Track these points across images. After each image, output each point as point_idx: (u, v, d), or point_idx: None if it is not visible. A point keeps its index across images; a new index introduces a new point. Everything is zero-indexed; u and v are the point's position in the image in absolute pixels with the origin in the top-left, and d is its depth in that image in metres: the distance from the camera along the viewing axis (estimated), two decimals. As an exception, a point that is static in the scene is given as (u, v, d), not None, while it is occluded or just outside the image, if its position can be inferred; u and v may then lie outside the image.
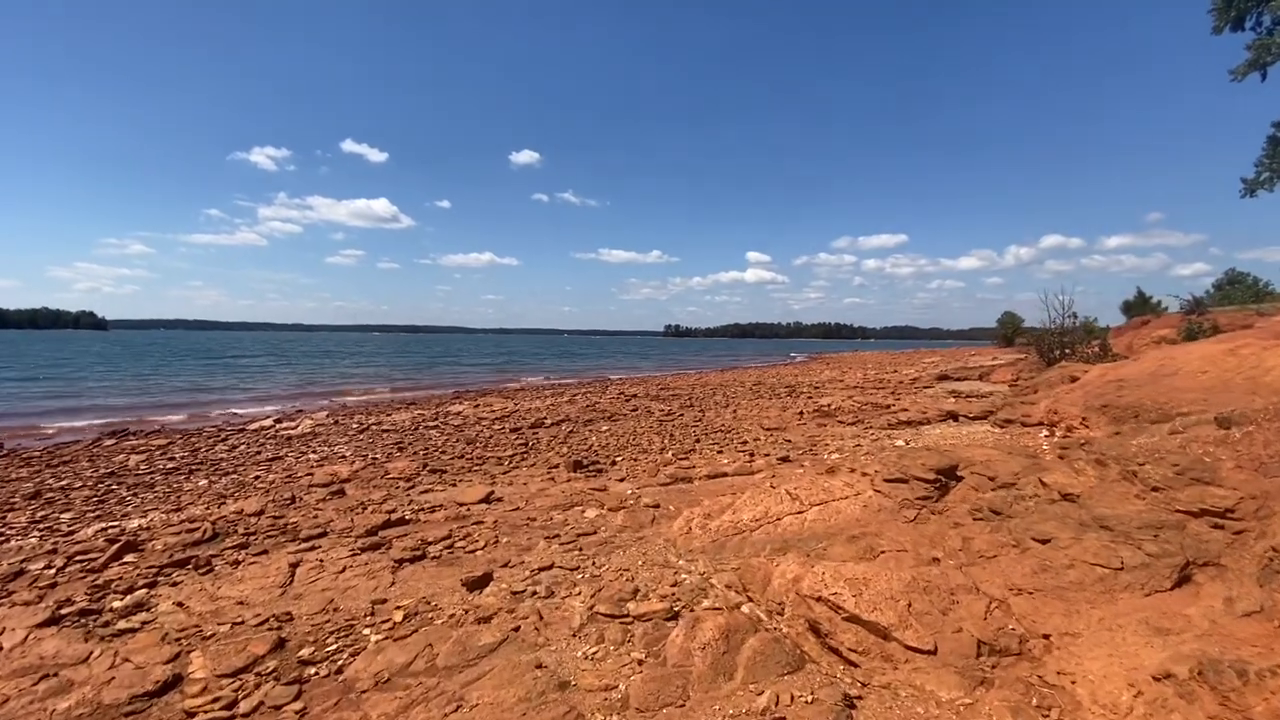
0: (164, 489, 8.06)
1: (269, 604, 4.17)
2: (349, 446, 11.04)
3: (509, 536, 5.28)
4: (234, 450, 10.91)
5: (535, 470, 8.35)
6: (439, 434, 12.21)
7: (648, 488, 6.82)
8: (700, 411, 14.51)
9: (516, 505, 6.30)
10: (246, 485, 8.10)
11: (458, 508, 6.24)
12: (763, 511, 4.93)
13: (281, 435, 12.65)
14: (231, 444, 11.55)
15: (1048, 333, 15.41)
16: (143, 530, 6.18)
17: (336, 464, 9.42)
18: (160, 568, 5.04)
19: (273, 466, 9.36)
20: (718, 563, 4.36)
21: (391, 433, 12.62)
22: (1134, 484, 4.29)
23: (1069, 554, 3.66)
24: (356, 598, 4.18)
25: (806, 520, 4.83)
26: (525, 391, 23.20)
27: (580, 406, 16.36)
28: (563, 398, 19.51)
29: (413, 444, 11.10)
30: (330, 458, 10.03)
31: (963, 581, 3.54)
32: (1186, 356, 7.36)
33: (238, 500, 7.19)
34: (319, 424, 14.10)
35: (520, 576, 4.32)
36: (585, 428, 12.45)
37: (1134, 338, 16.69)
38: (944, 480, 5.37)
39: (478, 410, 15.95)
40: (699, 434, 10.93)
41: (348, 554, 5.00)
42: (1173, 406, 5.86)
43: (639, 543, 4.90)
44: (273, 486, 7.92)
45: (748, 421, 12.24)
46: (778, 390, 20.02)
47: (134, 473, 9.17)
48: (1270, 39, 14.44)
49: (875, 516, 4.88)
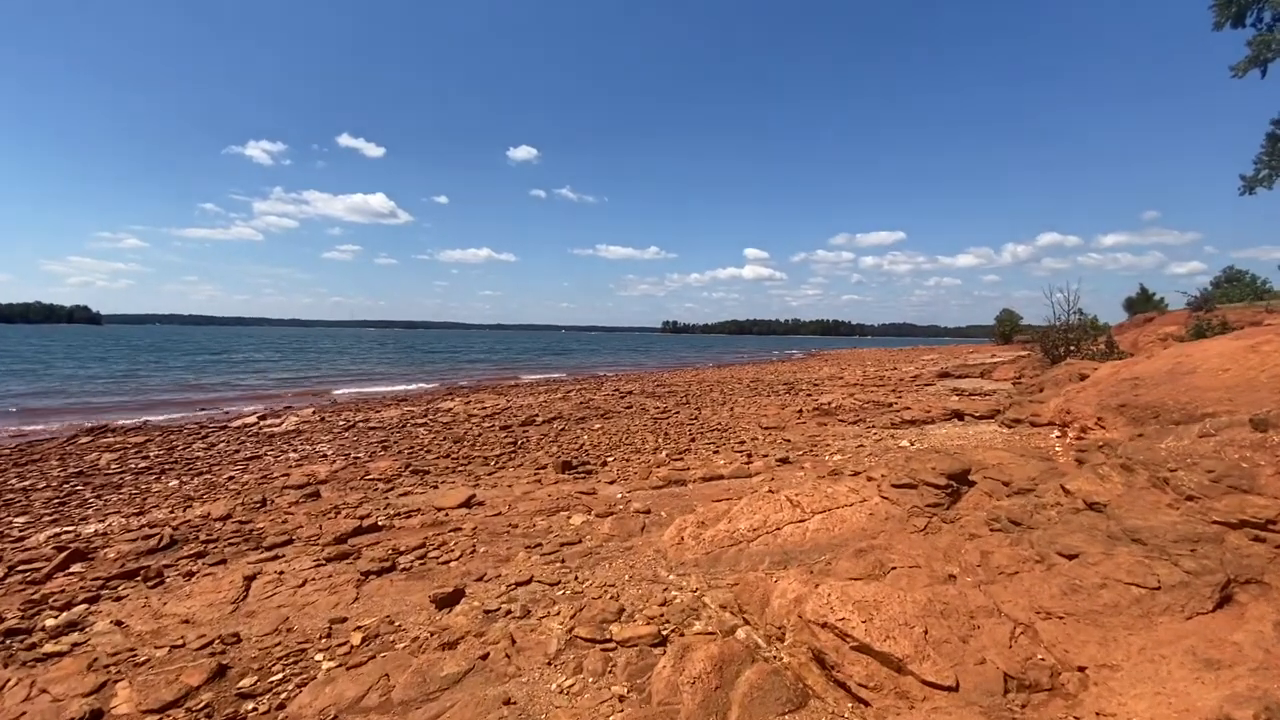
0: (131, 490, 7.66)
1: (217, 623, 3.78)
2: (332, 445, 10.64)
3: (487, 545, 4.90)
4: (212, 449, 10.51)
5: (522, 471, 7.97)
6: (426, 432, 11.82)
7: (639, 491, 6.44)
8: (696, 409, 14.14)
9: (498, 510, 5.91)
10: (218, 486, 7.71)
11: (436, 513, 5.85)
12: (761, 520, 4.56)
13: (264, 433, 12.24)
14: (211, 442, 11.15)
15: (1052, 329, 15.05)
16: (98, 536, 5.78)
17: (316, 463, 9.03)
18: (107, 579, 4.65)
19: (249, 466, 8.97)
20: (712, 577, 3.99)
21: (378, 430, 12.22)
22: (1165, 492, 3.93)
23: (1100, 571, 3.30)
24: (314, 616, 3.80)
25: (808, 530, 4.46)
26: (519, 388, 22.80)
27: (574, 404, 15.98)
28: (556, 394, 19.13)
29: (398, 442, 10.70)
30: (310, 457, 9.64)
31: (983, 603, 3.18)
32: (1204, 354, 7.00)
33: (205, 503, 6.80)
34: (304, 421, 13.70)
35: (495, 593, 3.94)
36: (577, 426, 12.08)
37: (1139, 335, 16.36)
38: (955, 486, 5.00)
39: (468, 407, 15.56)
40: (694, 433, 10.56)
41: (311, 565, 4.61)
42: (1196, 406, 5.51)
43: (627, 554, 4.53)
44: (245, 488, 7.53)
45: (745, 420, 11.87)
46: (776, 387, 19.66)
47: (103, 472, 8.76)
48: (1271, 35, 14.07)
49: (883, 526, 4.51)
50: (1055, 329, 15.02)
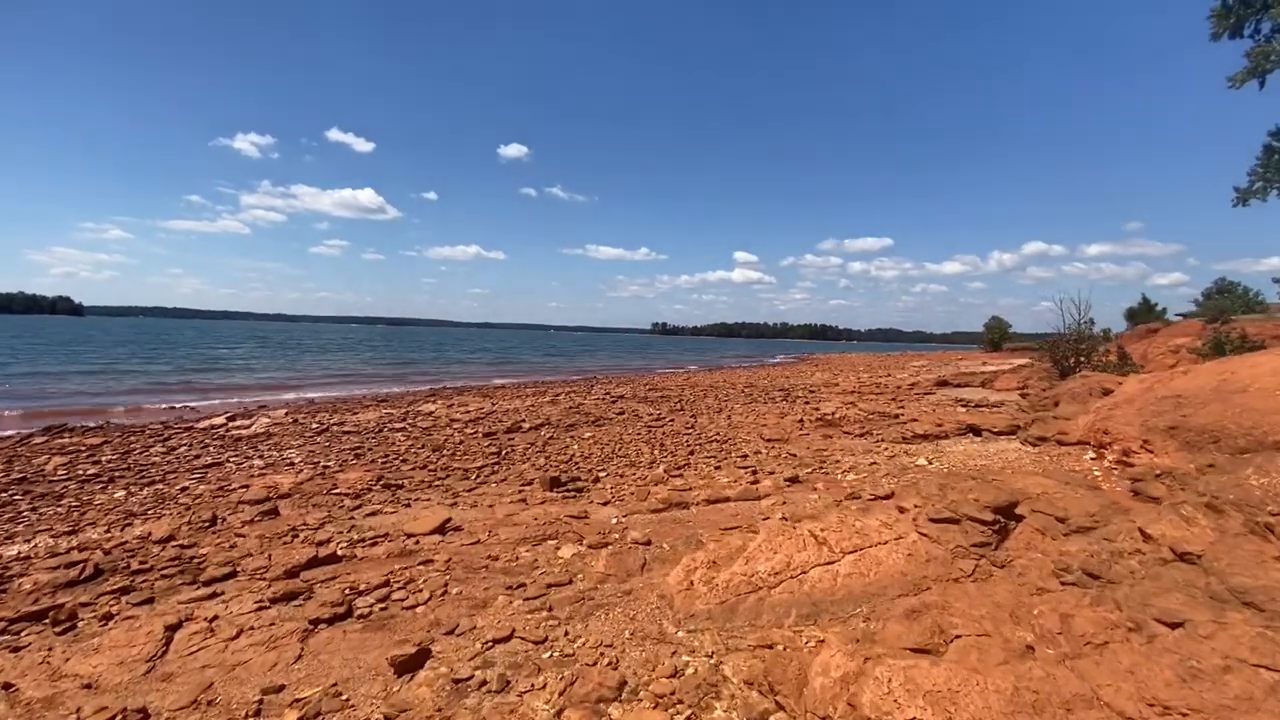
0: (72, 502, 6.87)
1: (124, 688, 3.07)
2: (301, 451, 9.88)
3: (462, 585, 4.21)
4: (172, 453, 9.71)
5: (506, 487, 7.26)
6: (404, 438, 11.08)
7: (636, 515, 5.77)
8: (692, 416, 13.49)
9: (477, 537, 5.22)
10: (167, 499, 6.94)
11: (405, 540, 5.15)
12: (783, 560, 3.91)
13: (231, 436, 11.43)
14: (172, 446, 10.33)
15: (1062, 339, 14.56)
16: (17, 561, 5.02)
17: (280, 473, 8.28)
18: (11, 621, 3.91)
19: (208, 475, 8.19)
20: (730, 636, 3.33)
21: (353, 435, 11.46)
22: (1269, 541, 3.33)
23: (1217, 647, 2.68)
24: (244, 681, 3.10)
25: (839, 574, 3.81)
26: (505, 390, 22.04)
27: (563, 408, 15.28)
28: (544, 397, 18.40)
29: (373, 449, 9.96)
30: (276, 465, 8.87)
31: (1078, 689, 2.54)
32: (1253, 371, 6.45)
33: (149, 520, 6.04)
34: (276, 423, 12.89)
35: (468, 653, 3.25)
36: (566, 433, 11.38)
37: (1147, 346, 15.93)
38: (1002, 521, 4.39)
39: (451, 410, 14.80)
40: (692, 444, 9.90)
41: (253, 607, 3.90)
42: (1264, 432, 4.95)
43: (626, 600, 3.85)
44: (196, 503, 6.77)
45: (744, 430, 11.23)
46: (771, 394, 19.06)
47: (48, 479, 7.96)
48: (1269, 46, 13.70)
49: (924, 569, 3.88)
50: (1065, 338, 14.53)
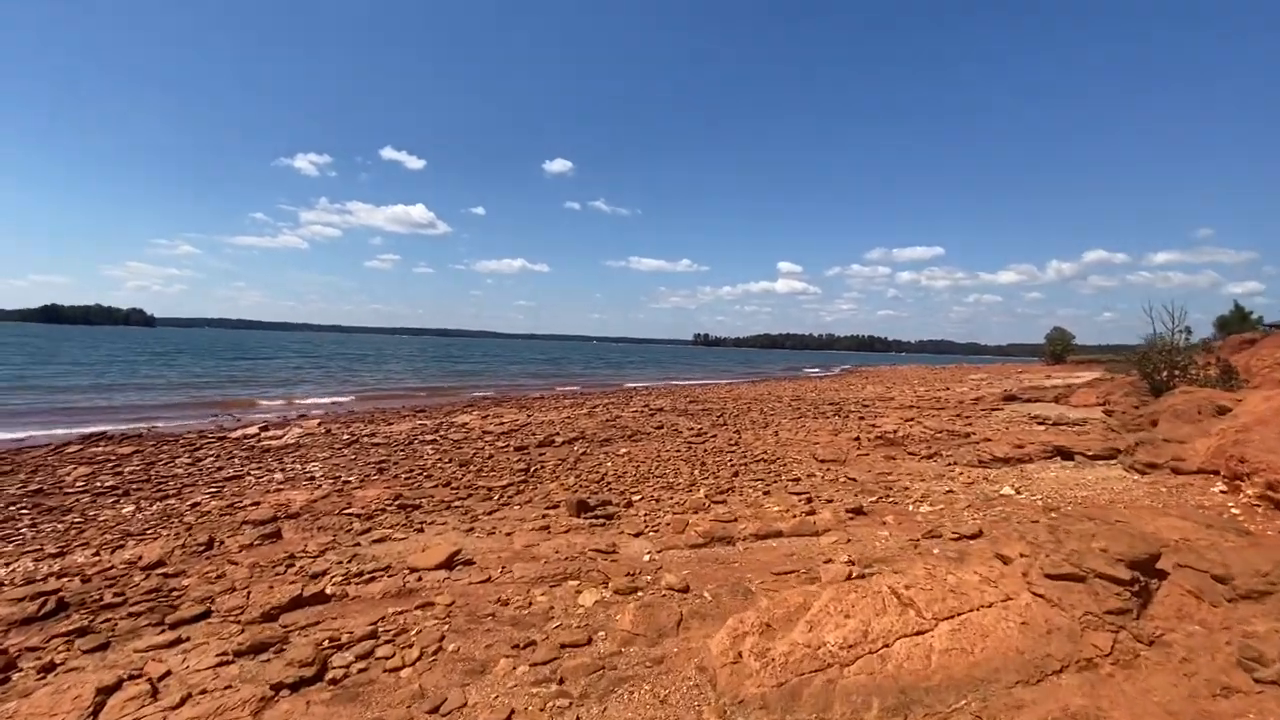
0: (75, 518, 6.53)
1: (28, 776, 2.46)
2: (325, 464, 9.46)
3: (461, 639, 3.49)
4: (196, 465, 9.43)
5: (530, 510, 6.57)
6: (433, 451, 10.57)
7: (672, 550, 4.97)
8: (736, 432, 12.58)
9: (488, 573, 4.51)
10: (173, 517, 6.52)
11: (407, 575, 4.49)
12: (858, 628, 3.05)
13: (260, 447, 11.17)
14: (198, 457, 10.09)
15: (1153, 350, 12.97)
16: (-9, 587, 4.59)
17: (297, 489, 7.82)
18: (-52, 667, 3.40)
19: (224, 490, 7.80)
20: (792, 739, 2.50)
21: (381, 447, 11.04)
22: None
23: None
24: (171, 774, 2.45)
25: (934, 649, 2.93)
26: (542, 401, 21.54)
27: (599, 421, 14.59)
28: (581, 409, 17.78)
29: (398, 464, 9.46)
30: (295, 479, 8.44)
31: None
32: None
33: (144, 542, 5.59)
34: (308, 433, 12.63)
35: (449, 747, 2.52)
36: (601, 449, 10.67)
37: (1249, 359, 14.17)
38: (1141, 579, 3.41)
39: (485, 422, 14.31)
40: (737, 464, 9.02)
41: (213, 662, 3.28)
42: None
43: (656, 672, 3.06)
44: (201, 521, 6.31)
45: (795, 449, 10.27)
46: (821, 408, 17.92)
47: (63, 491, 7.71)
48: None
49: (1047, 645, 2.96)
50: (1156, 349, 12.96)
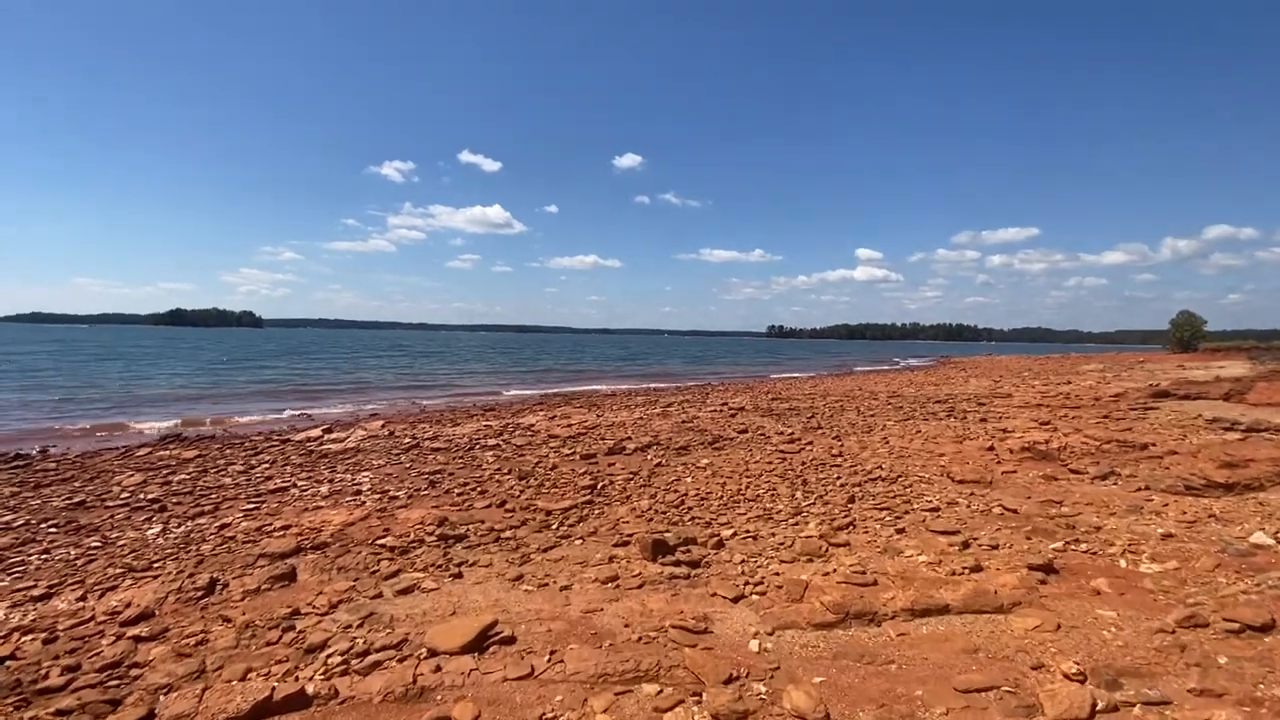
0: (95, 542, 5.82)
1: None
2: (377, 474, 8.61)
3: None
4: (247, 473, 8.83)
5: (594, 547, 5.26)
6: (493, 458, 9.55)
7: (790, 631, 3.49)
8: (835, 438, 10.82)
9: (529, 664, 3.21)
10: (193, 543, 5.69)
11: (422, 661, 3.27)
12: None
13: (318, 451, 10.58)
14: (254, 463, 9.54)
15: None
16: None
17: (339, 507, 6.92)
18: None
19: (261, 507, 7.01)
20: None
21: (441, 453, 10.15)
22: None
23: None
24: None
25: None
26: (615, 398, 20.41)
27: (674, 422, 13.20)
28: (655, 408, 16.46)
29: (453, 474, 8.47)
30: (341, 493, 7.58)
31: None
32: None
33: (141, 583, 4.71)
34: (370, 436, 12.01)
35: None
36: (678, 458, 9.27)
37: None
38: None
39: (552, 424, 13.25)
40: (848, 483, 7.34)
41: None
42: None
43: None
44: (216, 553, 5.43)
45: (916, 461, 8.46)
46: (928, 407, 15.71)
47: (103, 505, 7.18)
48: None
49: None
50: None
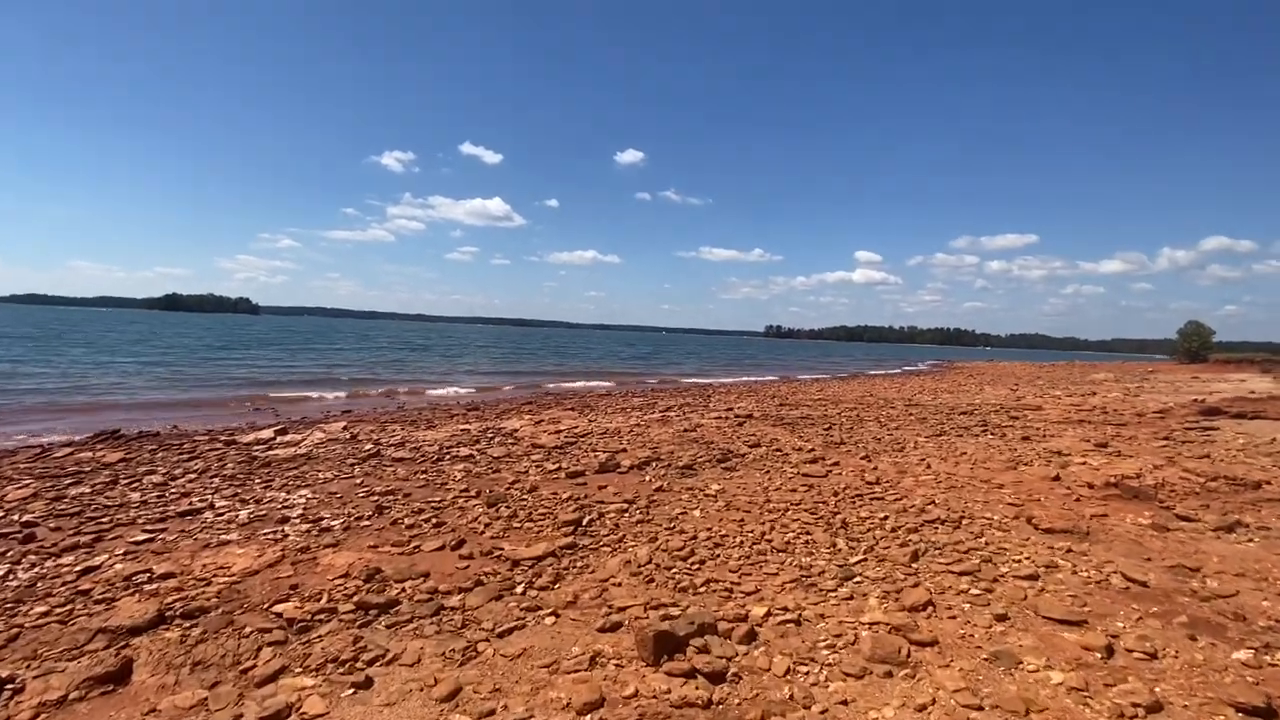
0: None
1: None
2: (319, 492, 7.10)
3: None
4: (164, 486, 7.31)
5: (569, 634, 3.75)
6: (462, 474, 8.04)
7: None
8: (864, 458, 9.34)
9: None
10: (26, 601, 4.18)
11: None
12: None
13: (263, 457, 9.05)
14: (180, 471, 8.02)
15: None
16: None
17: (251, 542, 5.40)
18: None
19: (158, 537, 5.49)
20: None
21: (402, 464, 8.65)
22: None
23: None
24: None
25: None
26: (609, 400, 18.90)
27: (675, 430, 11.71)
28: (653, 412, 14.98)
29: (408, 497, 6.96)
30: (263, 520, 6.06)
31: None
32: None
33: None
34: (329, 439, 10.49)
35: None
36: (682, 481, 7.78)
37: None
38: None
39: (539, 429, 11.75)
40: (899, 525, 5.82)
41: None
42: None
43: None
44: (46, 620, 3.91)
45: (972, 493, 6.98)
46: (954, 418, 14.25)
47: (-39, 530, 5.67)
48: None
49: None
50: None
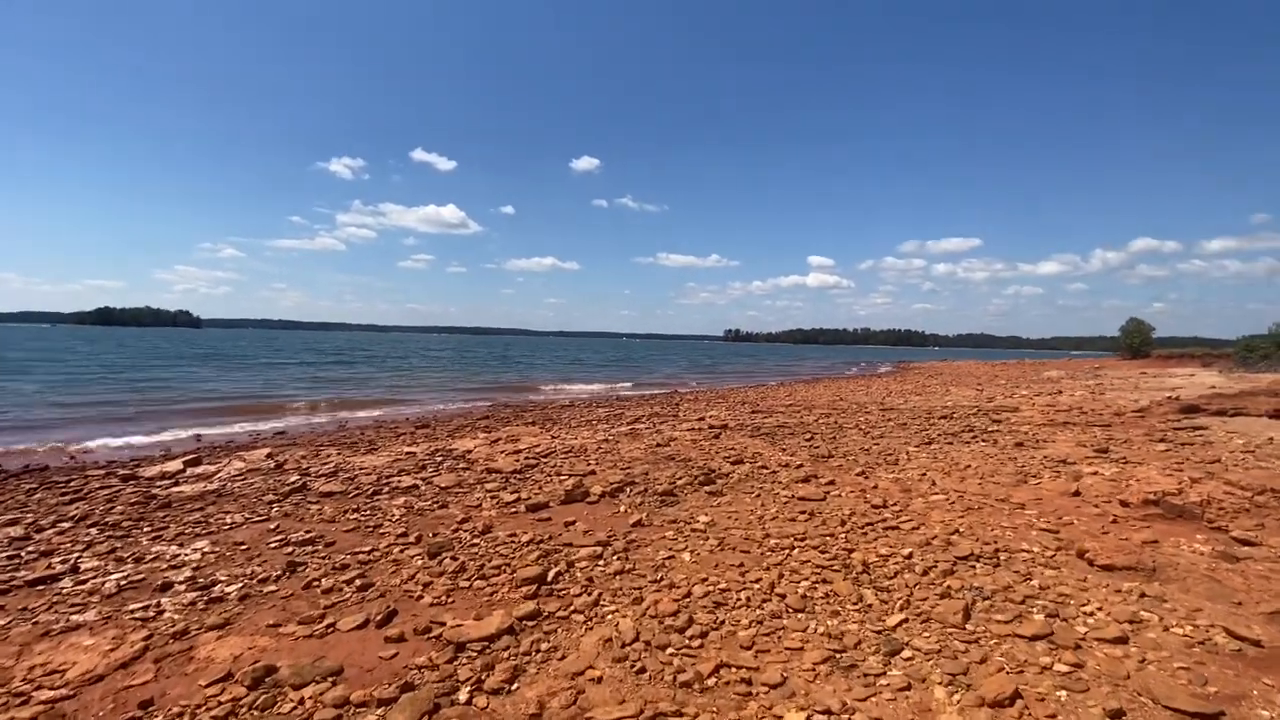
0: None
1: None
2: (219, 542, 5.77)
3: None
4: (24, 541, 5.87)
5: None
6: (401, 512, 6.81)
7: None
8: (860, 474, 8.49)
9: None
10: None
11: None
12: None
13: (164, 496, 7.61)
14: (52, 519, 6.55)
15: None
16: None
17: (108, 626, 4.11)
18: None
19: (-25, 624, 4.15)
20: None
21: (330, 500, 7.36)
22: None
23: None
24: None
25: None
26: (573, 411, 17.70)
27: (648, 446, 10.68)
28: (621, 424, 13.91)
29: (330, 547, 5.71)
30: (137, 588, 4.74)
31: None
32: None
33: None
34: (249, 469, 9.08)
35: None
36: (663, 511, 6.74)
37: None
38: None
39: (494, 449, 10.54)
40: (929, 566, 4.94)
41: None
42: None
43: None
44: None
45: (994, 515, 6.17)
46: (934, 423, 13.65)
47: None
48: None
49: None
50: None
